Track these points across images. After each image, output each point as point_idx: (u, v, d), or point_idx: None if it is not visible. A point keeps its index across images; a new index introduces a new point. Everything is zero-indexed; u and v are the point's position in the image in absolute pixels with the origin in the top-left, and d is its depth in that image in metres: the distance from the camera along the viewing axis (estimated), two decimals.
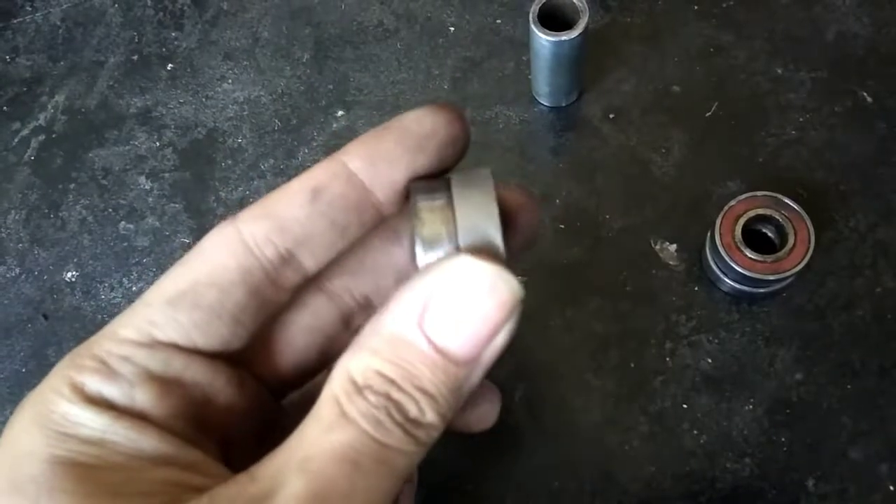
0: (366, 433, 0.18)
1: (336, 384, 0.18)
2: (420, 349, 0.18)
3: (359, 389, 0.18)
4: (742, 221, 0.34)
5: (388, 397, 0.18)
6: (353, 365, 0.18)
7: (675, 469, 0.33)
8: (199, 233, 0.40)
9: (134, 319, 0.20)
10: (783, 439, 0.34)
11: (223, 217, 0.40)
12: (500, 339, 0.19)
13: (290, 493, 0.17)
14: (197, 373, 0.20)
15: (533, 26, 0.35)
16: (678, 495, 0.33)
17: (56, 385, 0.19)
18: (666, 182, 0.38)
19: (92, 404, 0.19)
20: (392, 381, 0.18)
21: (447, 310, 0.18)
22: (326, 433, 0.18)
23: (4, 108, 0.45)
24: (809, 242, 0.34)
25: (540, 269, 0.37)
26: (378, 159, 0.20)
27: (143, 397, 0.19)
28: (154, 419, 0.19)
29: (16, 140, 0.44)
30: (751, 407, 0.34)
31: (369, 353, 0.18)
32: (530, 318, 0.36)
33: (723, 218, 0.34)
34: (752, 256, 0.33)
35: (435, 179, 0.21)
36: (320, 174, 0.20)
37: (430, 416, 0.18)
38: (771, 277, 0.33)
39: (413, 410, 0.18)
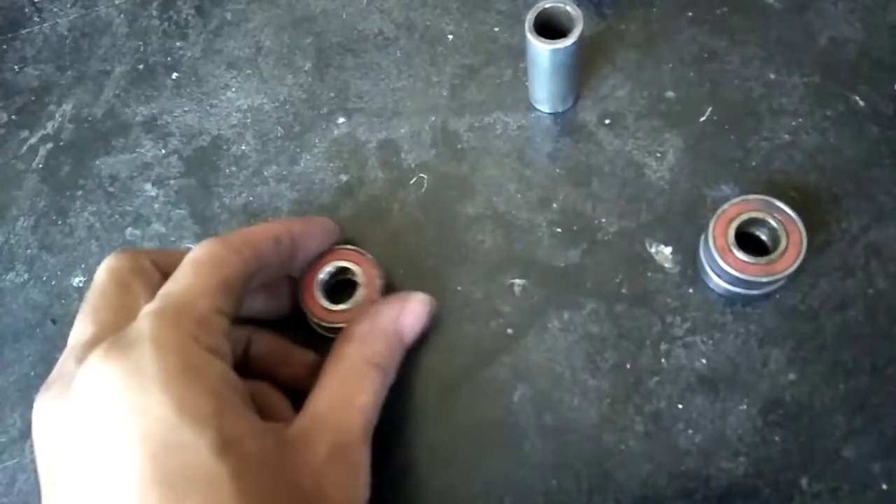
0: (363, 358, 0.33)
1: (350, 349, 0.33)
2: (393, 335, 0.34)
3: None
4: (735, 224, 0.35)
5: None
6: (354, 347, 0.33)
7: (671, 468, 0.34)
8: (204, 238, 0.41)
9: (201, 300, 0.28)
10: (777, 438, 0.34)
11: (227, 222, 0.41)
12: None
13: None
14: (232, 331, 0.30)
15: (529, 35, 0.36)
16: (674, 493, 0.34)
17: (183, 341, 0.26)
18: (661, 186, 0.39)
19: (212, 353, 0.27)
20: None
21: (411, 319, 0.35)
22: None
23: (13, 116, 0.46)
24: (802, 244, 0.34)
25: (537, 272, 0.38)
26: (310, 232, 0.35)
27: (228, 349, 0.28)
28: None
29: (24, 148, 0.45)
30: (745, 407, 0.35)
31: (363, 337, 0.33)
32: (529, 320, 0.37)
33: (716, 221, 0.35)
34: (745, 259, 0.34)
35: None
36: (280, 229, 0.33)
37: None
38: (764, 279, 0.34)
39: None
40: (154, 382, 0.25)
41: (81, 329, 0.29)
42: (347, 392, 0.31)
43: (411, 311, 0.35)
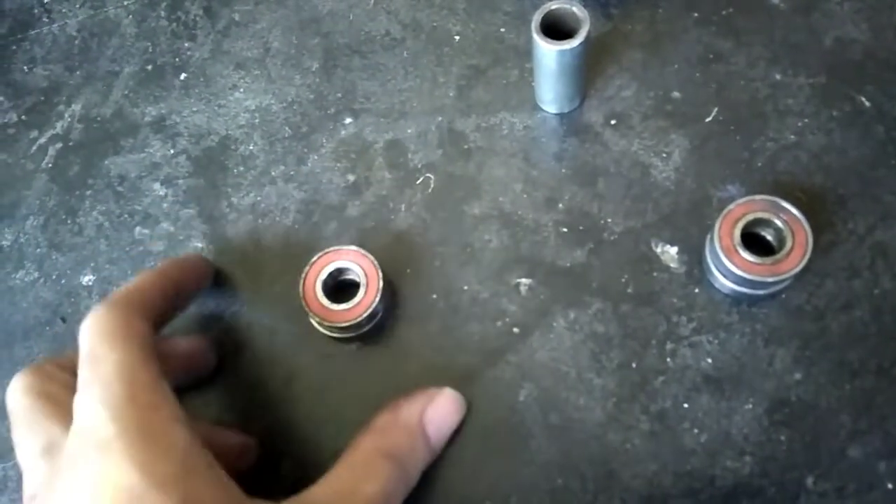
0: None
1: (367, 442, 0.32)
2: (416, 429, 0.33)
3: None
4: (741, 225, 0.35)
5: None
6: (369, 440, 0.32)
7: (677, 467, 0.34)
8: (212, 237, 0.41)
9: (140, 373, 0.28)
10: (783, 438, 0.34)
11: (235, 222, 0.41)
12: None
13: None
14: None
15: (535, 36, 0.36)
16: (679, 493, 0.34)
17: (143, 413, 0.27)
18: (667, 186, 0.39)
19: (173, 420, 0.27)
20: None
21: (437, 416, 0.34)
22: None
23: (23, 117, 0.47)
24: (807, 245, 0.34)
25: (543, 272, 0.38)
26: (187, 274, 0.37)
27: (183, 412, 0.28)
28: None
29: (34, 148, 0.46)
30: (751, 406, 0.35)
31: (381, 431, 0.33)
32: (535, 320, 0.37)
33: (722, 221, 0.35)
34: (751, 259, 0.34)
35: None
36: (163, 280, 0.34)
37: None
38: (769, 279, 0.34)
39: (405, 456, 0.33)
40: (121, 454, 0.25)
41: (29, 446, 0.29)
42: (353, 480, 0.30)
43: (438, 407, 0.34)
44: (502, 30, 0.44)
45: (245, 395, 0.38)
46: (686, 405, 0.35)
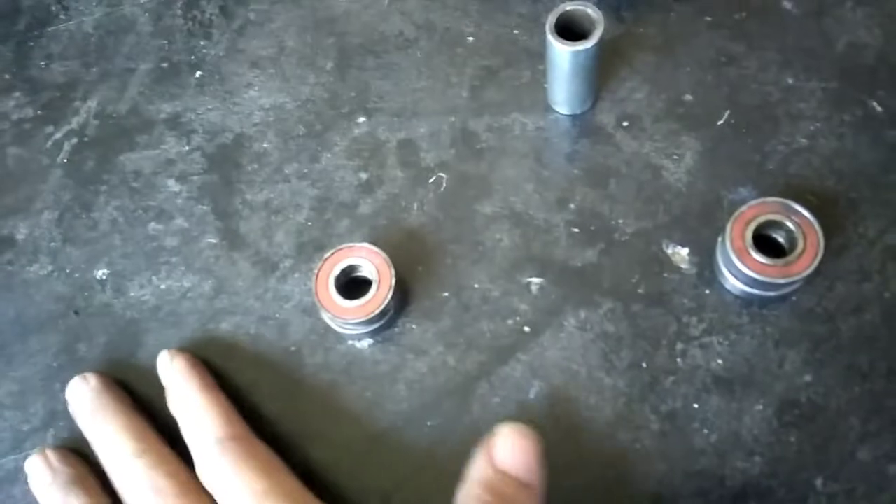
0: None
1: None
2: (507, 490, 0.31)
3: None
4: (752, 226, 0.35)
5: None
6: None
7: (686, 467, 0.34)
8: (226, 233, 0.42)
9: None
10: (792, 439, 0.34)
11: (248, 218, 0.42)
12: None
13: None
14: None
15: (550, 37, 0.36)
16: (688, 493, 0.34)
17: None
18: (678, 188, 0.39)
19: None
20: None
21: (510, 457, 0.32)
22: None
23: (39, 112, 0.47)
24: (819, 247, 0.34)
25: (554, 272, 0.38)
26: None
27: None
28: None
29: (49, 143, 0.46)
30: (760, 407, 0.35)
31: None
32: (545, 319, 0.38)
33: (733, 223, 0.35)
34: (763, 261, 0.34)
35: None
36: None
37: None
38: (781, 281, 0.34)
39: None
40: None
41: None
42: None
43: (503, 448, 0.32)
44: (515, 32, 0.45)
45: (255, 390, 0.38)
46: (696, 405, 0.35)
